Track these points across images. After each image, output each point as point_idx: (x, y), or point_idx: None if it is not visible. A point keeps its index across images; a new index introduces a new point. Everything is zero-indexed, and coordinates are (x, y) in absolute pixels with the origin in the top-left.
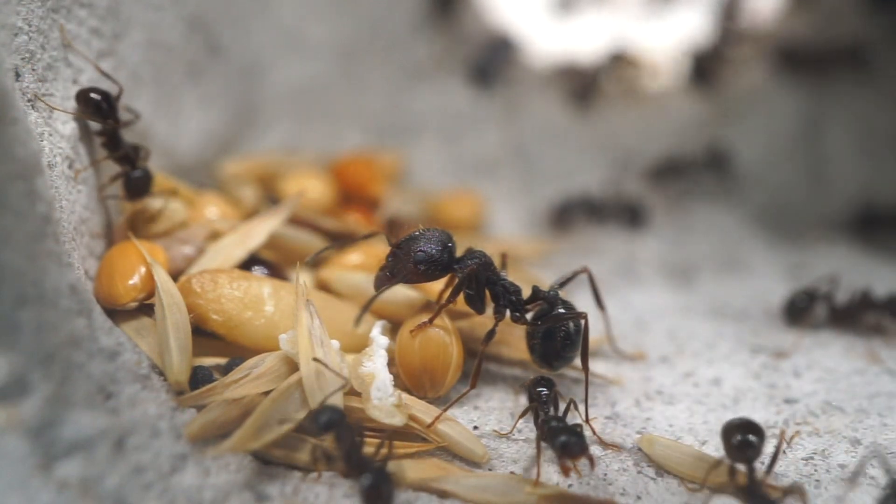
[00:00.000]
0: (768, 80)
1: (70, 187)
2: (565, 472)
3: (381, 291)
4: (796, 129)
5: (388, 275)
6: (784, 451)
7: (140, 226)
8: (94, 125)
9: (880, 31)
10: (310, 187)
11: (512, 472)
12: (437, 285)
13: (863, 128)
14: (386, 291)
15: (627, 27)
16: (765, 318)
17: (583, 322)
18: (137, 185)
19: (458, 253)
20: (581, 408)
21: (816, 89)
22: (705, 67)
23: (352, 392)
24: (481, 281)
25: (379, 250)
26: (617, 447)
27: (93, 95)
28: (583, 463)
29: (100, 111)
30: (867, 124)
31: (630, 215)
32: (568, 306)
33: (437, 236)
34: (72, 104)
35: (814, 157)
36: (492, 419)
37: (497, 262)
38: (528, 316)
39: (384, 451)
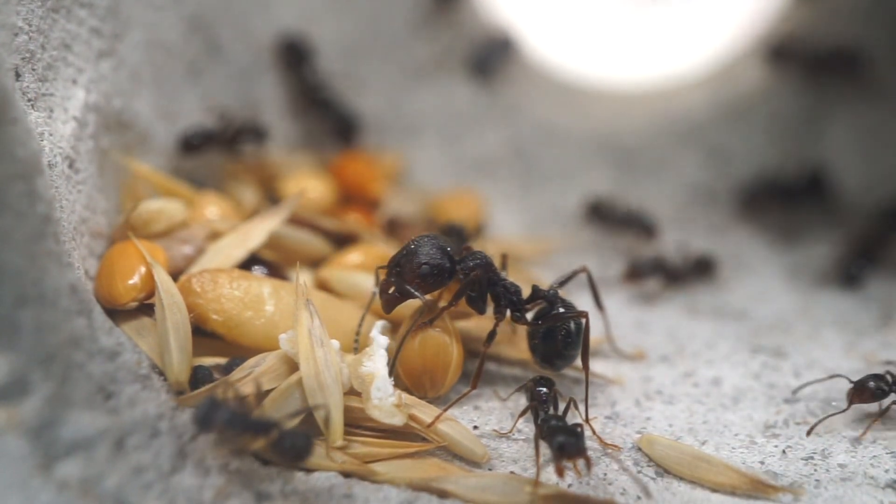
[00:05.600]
0: (768, 80)
1: (70, 187)
2: (559, 472)
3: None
4: (796, 128)
5: (398, 295)
6: (784, 452)
7: (140, 226)
8: None
9: (882, 31)
10: (310, 187)
11: (512, 472)
12: None
13: (863, 128)
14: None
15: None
16: (765, 318)
17: (583, 321)
18: None
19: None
20: (581, 407)
21: (816, 89)
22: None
23: (352, 392)
24: (483, 282)
25: (378, 250)
26: (617, 447)
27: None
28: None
29: None
30: (867, 124)
31: None
32: (568, 306)
33: (433, 243)
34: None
35: (814, 156)
36: (492, 419)
37: (497, 262)
38: (529, 316)
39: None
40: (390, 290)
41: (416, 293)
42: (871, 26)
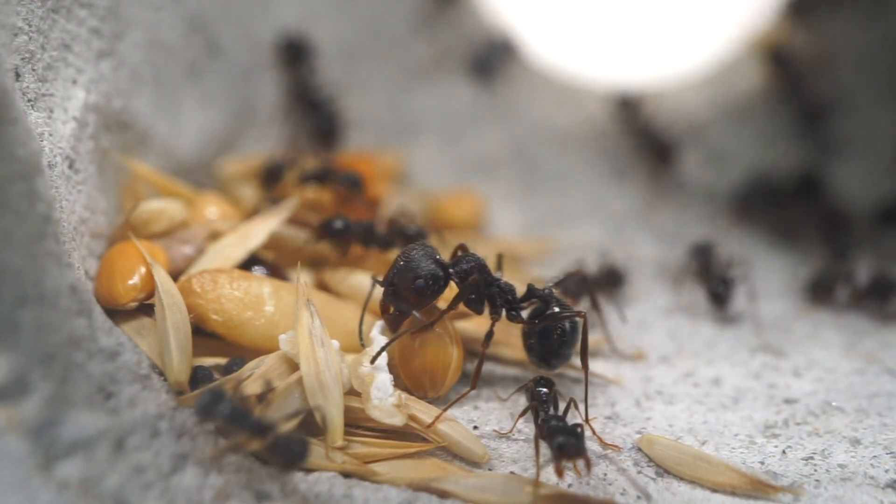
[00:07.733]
0: (768, 81)
1: (70, 187)
2: (559, 473)
3: (400, 333)
4: (795, 129)
5: (399, 313)
6: (784, 452)
7: (140, 226)
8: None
9: (870, 44)
10: (310, 187)
11: (512, 472)
12: None
13: (863, 128)
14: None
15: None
16: (765, 318)
17: (580, 321)
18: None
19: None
20: (581, 407)
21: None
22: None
23: (352, 392)
24: (480, 284)
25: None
26: (617, 447)
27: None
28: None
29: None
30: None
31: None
32: (563, 305)
33: (424, 254)
34: None
35: (812, 158)
36: (492, 419)
37: (494, 262)
38: (524, 314)
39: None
40: (391, 310)
41: (410, 311)
42: (859, 40)
